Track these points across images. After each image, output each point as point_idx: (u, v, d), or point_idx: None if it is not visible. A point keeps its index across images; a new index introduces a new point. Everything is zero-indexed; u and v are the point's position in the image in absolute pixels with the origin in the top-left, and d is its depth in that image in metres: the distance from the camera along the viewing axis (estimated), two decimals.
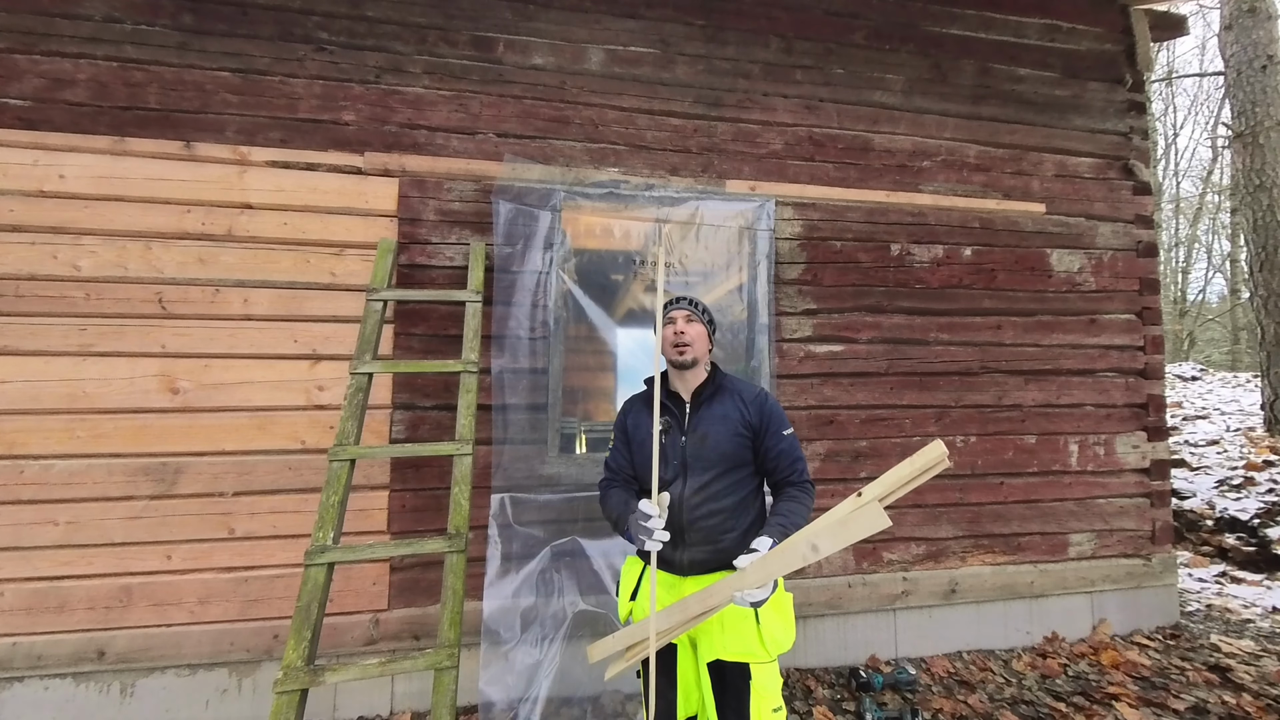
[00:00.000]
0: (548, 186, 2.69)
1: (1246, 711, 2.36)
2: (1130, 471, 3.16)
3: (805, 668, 2.73)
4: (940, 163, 3.11)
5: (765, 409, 1.61)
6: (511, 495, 2.48)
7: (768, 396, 1.65)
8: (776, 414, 1.62)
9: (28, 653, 2.21)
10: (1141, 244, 3.30)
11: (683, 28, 2.91)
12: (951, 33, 3.19)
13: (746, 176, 2.90)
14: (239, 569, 2.36)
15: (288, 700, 1.64)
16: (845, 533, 1.19)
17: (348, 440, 2.06)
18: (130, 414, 2.35)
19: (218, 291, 2.44)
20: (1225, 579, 4.05)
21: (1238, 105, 6.11)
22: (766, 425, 1.60)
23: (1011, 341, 3.09)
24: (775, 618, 1.51)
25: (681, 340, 1.62)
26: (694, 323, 1.66)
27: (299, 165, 2.53)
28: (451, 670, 1.75)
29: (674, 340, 1.63)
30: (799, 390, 2.85)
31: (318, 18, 2.60)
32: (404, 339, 2.54)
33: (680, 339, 1.62)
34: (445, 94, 2.67)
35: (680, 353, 1.62)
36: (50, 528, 2.26)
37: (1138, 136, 3.36)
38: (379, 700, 2.42)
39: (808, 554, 1.23)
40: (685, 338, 1.62)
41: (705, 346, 1.66)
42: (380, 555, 1.98)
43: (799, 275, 2.91)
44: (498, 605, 2.36)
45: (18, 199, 2.34)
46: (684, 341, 1.62)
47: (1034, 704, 2.46)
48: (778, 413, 1.63)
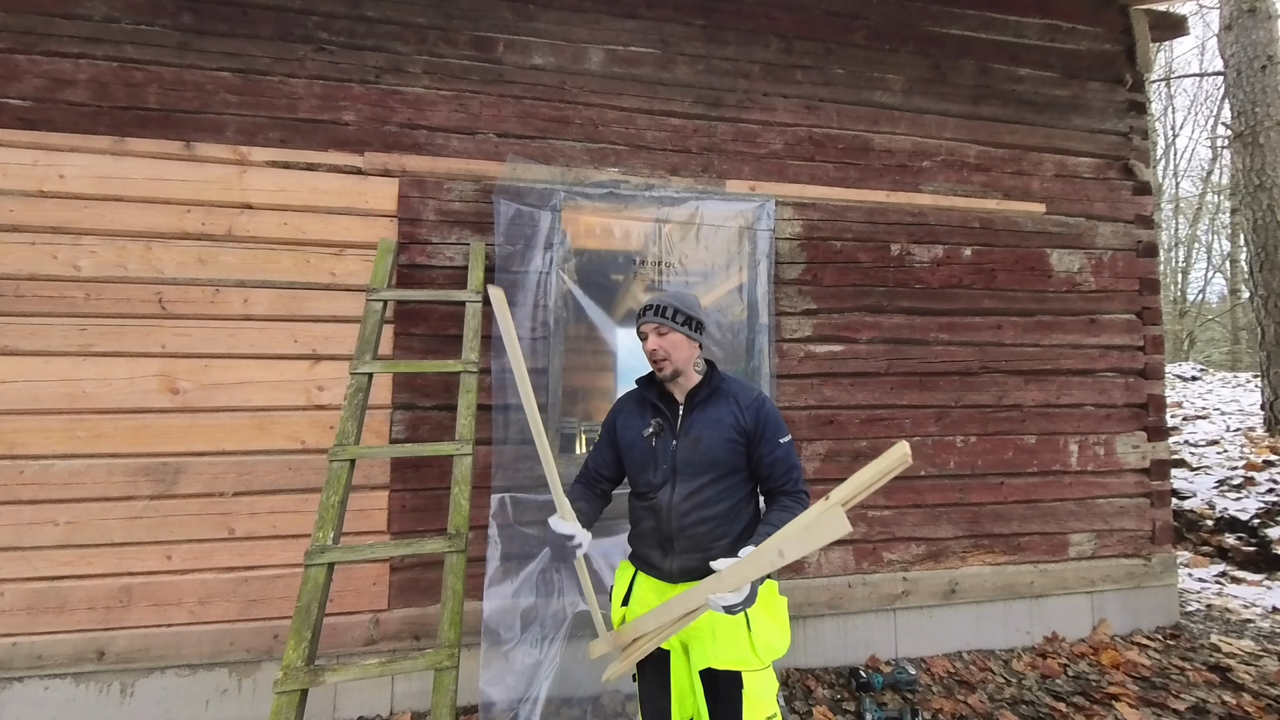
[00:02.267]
0: (548, 186, 2.69)
1: (1246, 711, 2.36)
2: (1130, 471, 3.16)
3: (805, 668, 2.73)
4: (940, 163, 3.11)
5: (761, 414, 1.53)
6: (511, 495, 2.48)
7: (765, 401, 1.57)
8: (773, 420, 1.54)
9: (28, 653, 2.21)
10: (1141, 244, 3.30)
11: (683, 28, 2.91)
12: (951, 33, 3.19)
13: (746, 176, 2.90)
14: (239, 569, 2.36)
15: (288, 700, 1.64)
16: (810, 538, 1.18)
17: (348, 440, 2.06)
18: (130, 414, 2.35)
19: (218, 291, 2.44)
20: (1225, 579, 4.05)
21: (1238, 105, 6.12)
22: (761, 431, 1.52)
23: (1011, 341, 3.10)
24: (768, 622, 1.49)
25: (655, 356, 1.56)
26: (667, 334, 1.56)
27: (299, 165, 2.53)
28: (451, 670, 1.75)
29: (649, 356, 1.58)
30: (799, 390, 2.85)
31: (318, 18, 2.60)
32: (404, 339, 2.54)
33: (654, 355, 1.56)
34: (445, 94, 2.67)
35: (660, 368, 1.57)
36: (50, 528, 2.26)
37: (1138, 136, 3.36)
38: (379, 700, 2.42)
39: (775, 560, 1.22)
40: (659, 354, 1.55)
41: (686, 353, 1.58)
42: (380, 555, 1.98)
43: (799, 275, 2.91)
44: (498, 605, 2.36)
45: (18, 199, 2.34)
46: (658, 357, 1.56)
47: (1034, 704, 2.46)
48: (774, 419, 1.54)
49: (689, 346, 1.59)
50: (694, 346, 1.60)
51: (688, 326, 1.58)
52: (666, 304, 1.57)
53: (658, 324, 1.57)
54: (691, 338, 1.59)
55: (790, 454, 1.53)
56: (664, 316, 1.56)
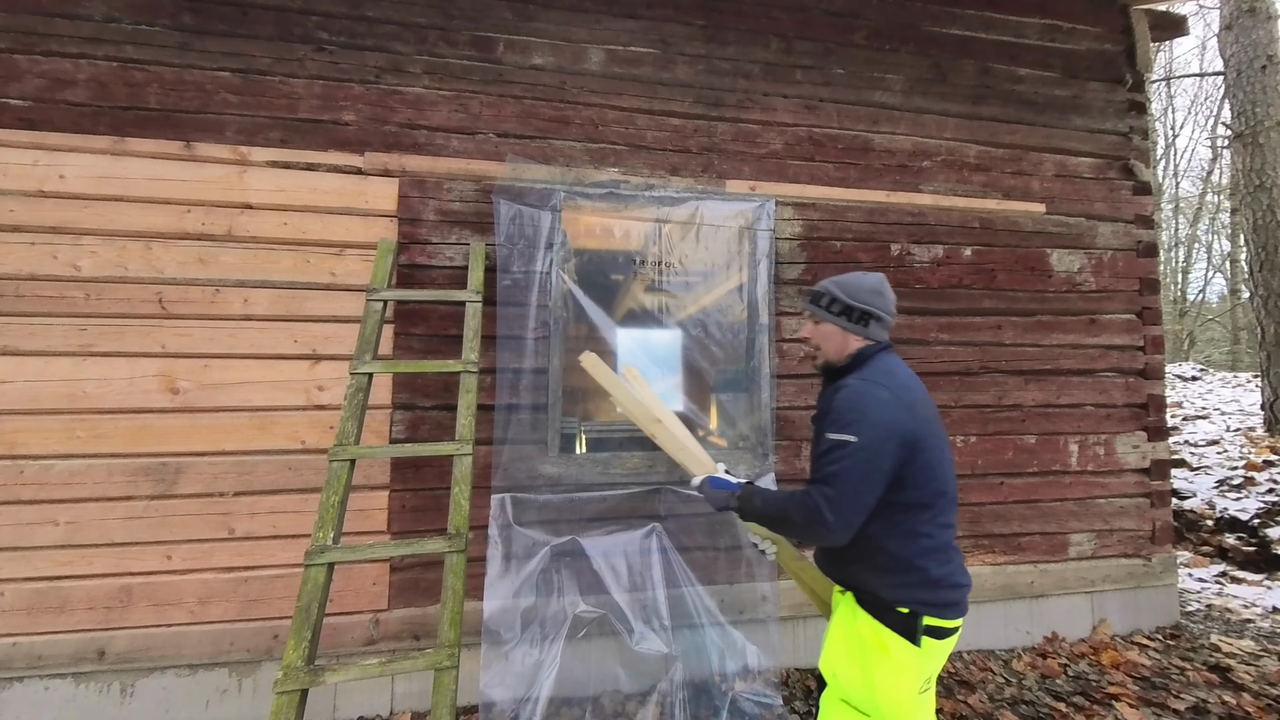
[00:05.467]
0: (548, 186, 2.69)
1: (1246, 711, 2.36)
2: (1130, 471, 3.16)
3: (805, 668, 2.73)
4: (940, 163, 3.11)
5: (830, 403, 1.38)
6: (512, 495, 2.48)
7: (841, 389, 1.37)
8: (832, 412, 1.35)
9: (28, 653, 2.21)
10: (1141, 244, 3.30)
11: (683, 28, 2.91)
12: (951, 33, 3.19)
13: (746, 176, 2.90)
14: (239, 569, 2.36)
15: (288, 700, 1.64)
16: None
17: (348, 440, 2.06)
18: (130, 414, 2.35)
19: (218, 291, 2.44)
20: (1225, 579, 4.05)
21: (1238, 105, 6.12)
22: (819, 421, 1.43)
23: (1011, 341, 3.09)
24: (837, 645, 1.42)
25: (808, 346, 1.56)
26: (820, 323, 1.49)
27: (299, 165, 2.53)
28: (452, 670, 1.75)
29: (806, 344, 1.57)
30: (799, 390, 2.85)
31: (318, 18, 2.60)
32: (404, 339, 2.54)
33: (807, 344, 1.56)
34: (445, 94, 2.67)
35: (813, 357, 1.56)
36: (50, 528, 2.26)
37: (1138, 136, 3.36)
38: (379, 700, 2.42)
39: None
40: (810, 343, 1.55)
41: (838, 344, 1.47)
42: (380, 555, 1.98)
43: (799, 275, 2.91)
44: (498, 605, 2.35)
45: (18, 199, 2.34)
46: (809, 346, 1.55)
47: (1034, 704, 2.46)
48: (838, 411, 1.33)
49: (843, 338, 1.46)
50: (849, 339, 1.46)
51: (846, 317, 1.44)
52: (825, 290, 1.47)
53: (810, 311, 1.49)
54: (848, 329, 1.45)
55: (830, 452, 1.30)
56: (818, 304, 1.47)
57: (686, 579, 2.48)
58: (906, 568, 1.32)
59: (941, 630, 1.32)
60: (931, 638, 1.30)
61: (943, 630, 1.32)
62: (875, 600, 1.35)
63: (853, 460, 1.25)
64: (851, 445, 1.26)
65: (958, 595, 1.35)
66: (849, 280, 1.48)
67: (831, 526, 1.25)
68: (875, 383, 1.34)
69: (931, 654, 1.31)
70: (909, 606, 1.30)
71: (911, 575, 1.32)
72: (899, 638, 1.30)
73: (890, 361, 1.43)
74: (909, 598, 1.31)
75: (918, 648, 1.29)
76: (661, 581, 2.46)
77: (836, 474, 1.27)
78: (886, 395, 1.32)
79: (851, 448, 1.26)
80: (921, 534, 1.32)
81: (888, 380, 1.35)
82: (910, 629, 1.29)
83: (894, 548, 1.32)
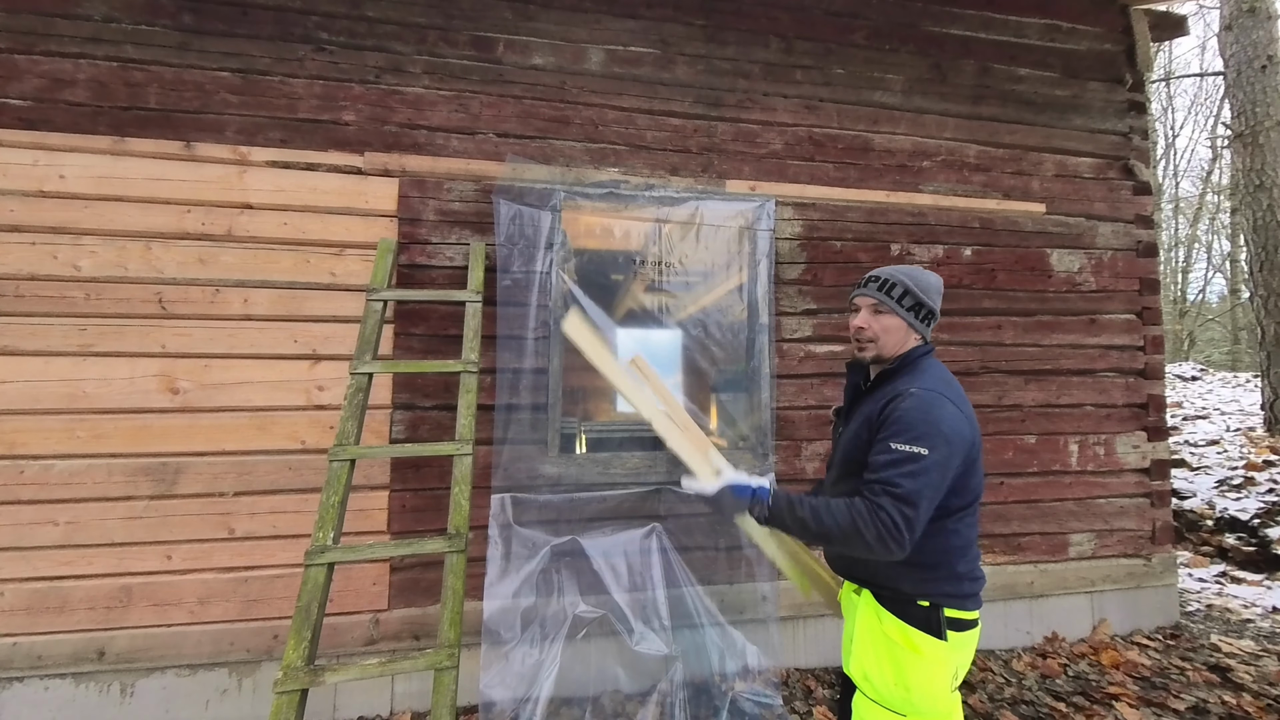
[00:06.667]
0: (548, 186, 2.69)
1: (1246, 711, 2.36)
2: (1130, 471, 3.16)
3: (805, 668, 2.73)
4: (940, 163, 3.11)
5: (891, 411, 1.28)
6: (512, 495, 2.48)
7: (904, 397, 1.27)
8: (898, 422, 1.26)
9: (28, 653, 2.21)
10: (1141, 244, 3.30)
11: (683, 28, 2.91)
12: (951, 33, 3.19)
13: (746, 176, 2.90)
14: (239, 569, 2.36)
15: (288, 700, 1.64)
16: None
17: (348, 440, 2.06)
18: (130, 414, 2.35)
19: (218, 291, 2.44)
20: (1225, 579, 4.05)
21: (1238, 105, 6.12)
22: (879, 429, 1.29)
23: (1011, 341, 3.09)
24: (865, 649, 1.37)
25: (860, 336, 1.38)
26: (885, 314, 1.36)
27: (299, 165, 2.53)
28: (451, 670, 1.75)
29: (853, 334, 1.38)
30: (799, 390, 2.85)
31: (318, 18, 2.60)
32: (404, 339, 2.54)
33: (858, 334, 1.38)
34: (445, 94, 2.67)
35: (861, 349, 1.39)
36: (50, 528, 2.26)
37: (1138, 136, 3.36)
38: (379, 700, 2.42)
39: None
40: (865, 333, 1.37)
41: (898, 340, 1.36)
42: (380, 555, 1.98)
43: (799, 275, 2.91)
44: (498, 605, 2.35)
45: (18, 199, 2.34)
46: (863, 337, 1.38)
47: (1034, 704, 2.46)
48: (902, 421, 1.25)
49: (904, 335, 1.38)
50: (910, 336, 1.38)
51: (914, 314, 1.36)
52: (896, 280, 1.36)
53: (876, 301, 1.37)
54: (913, 327, 1.37)
55: (895, 463, 1.22)
56: (888, 294, 1.36)
57: (686, 579, 2.48)
58: (934, 564, 1.31)
59: (963, 622, 1.33)
60: (954, 630, 1.31)
61: (964, 622, 1.33)
62: (895, 595, 1.34)
63: (928, 477, 1.21)
64: (925, 460, 1.21)
65: (977, 587, 1.36)
66: (918, 275, 1.40)
67: (906, 545, 1.20)
68: (940, 394, 1.29)
69: (958, 648, 1.31)
70: (930, 599, 1.31)
71: (939, 571, 1.31)
72: (926, 635, 1.29)
73: (941, 368, 1.40)
74: (930, 591, 1.31)
75: (945, 642, 1.28)
76: (661, 581, 2.46)
77: (917, 491, 1.20)
78: (953, 408, 1.27)
79: (926, 462, 1.21)
80: (951, 531, 1.31)
81: (949, 390, 1.31)
82: (934, 623, 1.30)
83: (928, 546, 1.29)
